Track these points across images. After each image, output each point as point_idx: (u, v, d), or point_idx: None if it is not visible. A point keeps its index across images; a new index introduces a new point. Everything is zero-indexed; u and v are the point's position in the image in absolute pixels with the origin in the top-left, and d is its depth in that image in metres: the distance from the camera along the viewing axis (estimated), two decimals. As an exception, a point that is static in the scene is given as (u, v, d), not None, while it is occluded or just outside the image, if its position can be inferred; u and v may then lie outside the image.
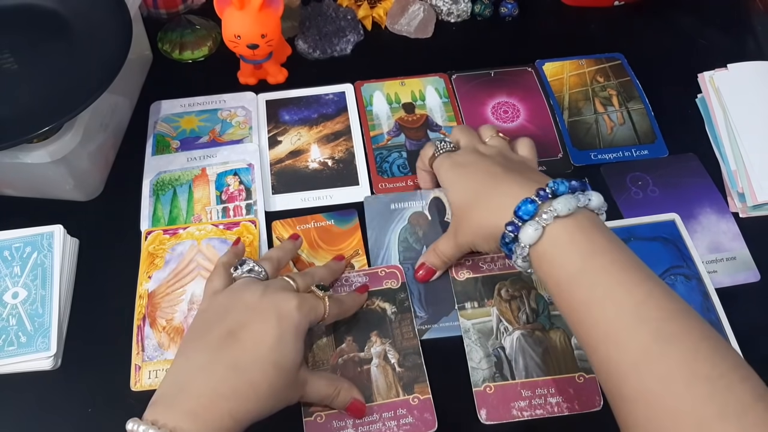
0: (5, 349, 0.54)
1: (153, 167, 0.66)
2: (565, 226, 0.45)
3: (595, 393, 0.53)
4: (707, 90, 0.71)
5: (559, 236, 0.45)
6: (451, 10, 0.80)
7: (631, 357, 0.39)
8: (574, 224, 0.45)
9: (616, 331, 0.40)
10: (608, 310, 0.41)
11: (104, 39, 0.59)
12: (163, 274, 0.59)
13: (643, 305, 0.40)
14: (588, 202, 0.46)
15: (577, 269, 0.43)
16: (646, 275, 0.43)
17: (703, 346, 0.38)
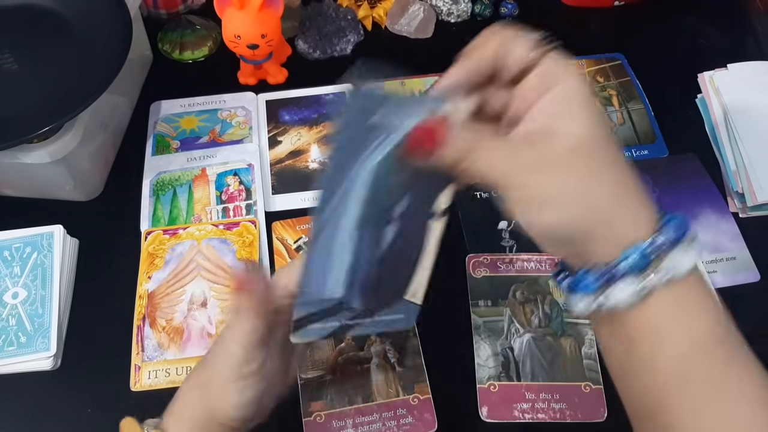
0: (5, 349, 0.54)
1: (153, 167, 0.66)
2: (671, 293, 0.31)
3: (600, 404, 0.53)
4: (707, 90, 0.71)
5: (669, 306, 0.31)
6: (451, 11, 0.80)
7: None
8: (686, 291, 0.31)
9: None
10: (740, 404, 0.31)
11: (104, 39, 0.59)
12: (163, 274, 0.59)
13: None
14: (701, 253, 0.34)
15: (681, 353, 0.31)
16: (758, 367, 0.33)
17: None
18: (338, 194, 0.34)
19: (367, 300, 0.37)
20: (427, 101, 0.33)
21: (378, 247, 0.36)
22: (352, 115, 0.33)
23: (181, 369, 0.54)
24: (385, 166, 0.33)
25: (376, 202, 0.34)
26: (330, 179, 0.34)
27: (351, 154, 0.33)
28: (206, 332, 0.56)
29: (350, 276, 0.36)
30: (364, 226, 0.35)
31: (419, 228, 0.37)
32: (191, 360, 0.55)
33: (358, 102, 0.33)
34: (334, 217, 0.34)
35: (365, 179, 0.33)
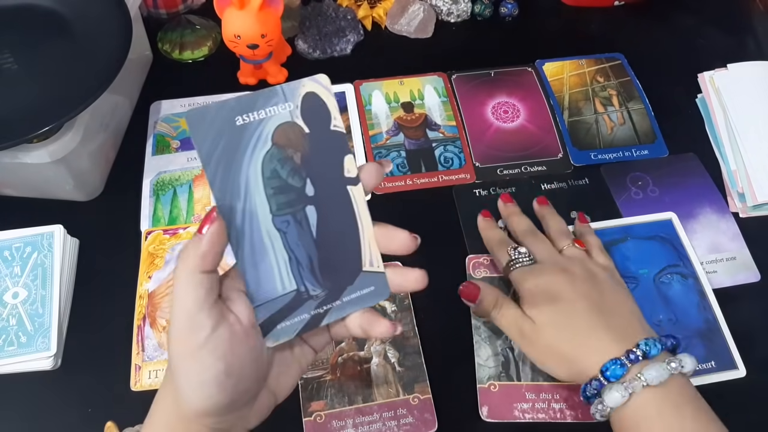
0: (5, 349, 0.54)
1: (153, 167, 0.66)
2: (654, 396, 0.43)
3: None
4: (707, 90, 0.71)
5: (647, 407, 0.42)
6: (451, 10, 0.80)
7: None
8: (663, 395, 0.43)
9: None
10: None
11: (104, 39, 0.59)
12: (163, 274, 0.59)
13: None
14: (681, 369, 0.43)
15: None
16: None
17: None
18: (240, 198, 0.36)
19: (324, 282, 0.38)
20: (282, 88, 0.37)
21: (306, 229, 0.38)
22: (212, 130, 0.35)
23: (181, 369, 0.54)
24: (275, 155, 0.37)
25: (281, 191, 0.37)
26: (224, 189, 0.36)
27: (233, 159, 0.36)
28: (206, 332, 0.56)
29: (293, 266, 0.37)
30: (281, 216, 0.37)
31: (340, 199, 0.38)
32: (191, 360, 0.55)
33: (209, 118, 0.35)
34: (246, 222, 0.36)
35: (260, 175, 0.36)
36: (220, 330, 0.34)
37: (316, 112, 0.38)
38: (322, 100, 0.38)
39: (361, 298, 0.39)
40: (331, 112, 0.38)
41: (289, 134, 0.37)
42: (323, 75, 0.37)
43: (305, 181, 0.37)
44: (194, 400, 0.35)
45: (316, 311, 0.38)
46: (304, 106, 0.37)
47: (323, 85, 0.38)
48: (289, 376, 0.40)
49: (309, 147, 0.37)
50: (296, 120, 0.37)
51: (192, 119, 0.35)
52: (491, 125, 0.71)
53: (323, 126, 0.38)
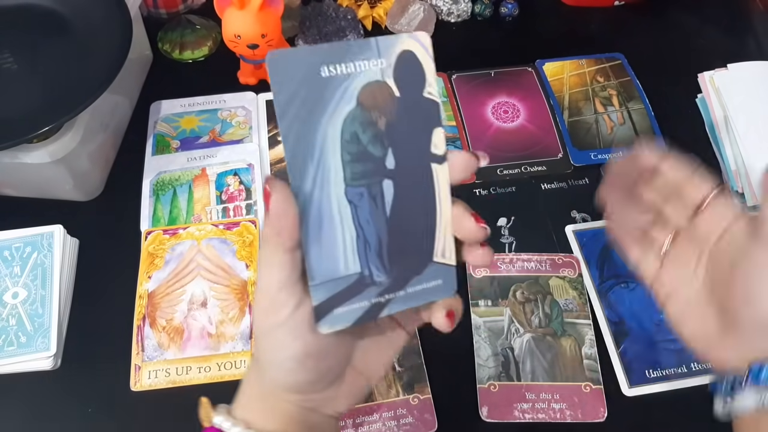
0: (5, 349, 0.54)
1: (153, 167, 0.66)
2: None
3: (600, 404, 0.53)
4: (707, 90, 0.71)
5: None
6: (451, 10, 0.80)
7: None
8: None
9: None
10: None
11: (104, 39, 0.59)
12: (163, 274, 0.59)
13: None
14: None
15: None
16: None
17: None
18: (314, 160, 0.31)
19: (390, 269, 0.34)
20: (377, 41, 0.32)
21: (380, 206, 0.33)
22: (293, 81, 0.31)
23: (181, 369, 0.54)
24: (357, 117, 0.32)
25: (359, 158, 0.32)
26: (297, 146, 0.31)
27: (312, 114, 0.31)
28: (206, 332, 0.56)
29: (360, 245, 0.33)
30: (355, 188, 0.32)
31: (421, 177, 0.34)
32: (191, 360, 0.55)
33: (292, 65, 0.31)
34: (316, 188, 0.32)
35: (338, 137, 0.32)
36: (300, 309, 0.32)
37: (410, 74, 0.33)
38: (418, 62, 0.33)
39: (425, 292, 0.35)
40: (427, 77, 0.33)
41: (377, 95, 0.32)
42: (424, 33, 0.33)
43: (387, 151, 0.33)
44: (276, 377, 0.34)
45: (377, 299, 0.34)
46: (398, 66, 0.32)
47: (423, 44, 0.33)
48: (380, 358, 0.37)
49: (396, 113, 0.32)
50: (387, 80, 0.32)
51: (274, 62, 0.30)
52: (491, 125, 0.71)
53: (416, 91, 0.33)
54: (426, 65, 0.33)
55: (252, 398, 0.36)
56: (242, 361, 0.55)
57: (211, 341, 0.56)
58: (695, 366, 0.55)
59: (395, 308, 0.34)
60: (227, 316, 0.57)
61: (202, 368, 0.54)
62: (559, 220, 0.63)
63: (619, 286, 0.58)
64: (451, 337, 0.55)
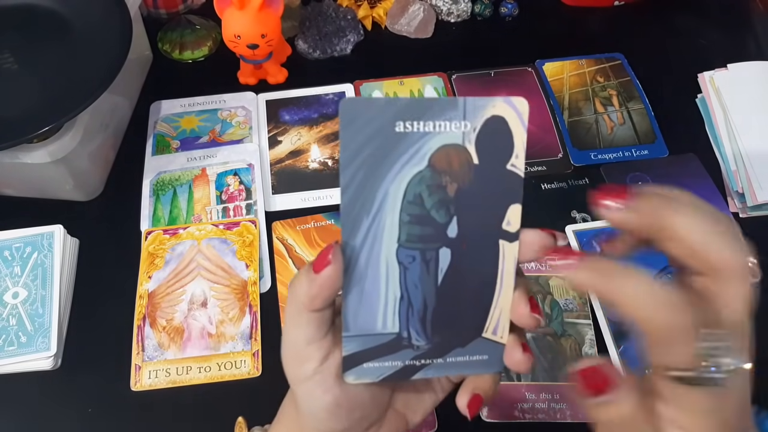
0: (5, 349, 0.54)
1: (153, 167, 0.66)
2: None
3: None
4: (707, 90, 0.71)
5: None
6: (451, 10, 0.80)
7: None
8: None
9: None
10: None
11: (104, 39, 0.59)
12: (163, 274, 0.59)
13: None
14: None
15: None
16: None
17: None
18: (370, 215, 0.30)
19: (431, 336, 0.33)
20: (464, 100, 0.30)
21: (432, 273, 0.32)
22: (370, 125, 0.29)
23: (181, 369, 0.54)
24: (426, 179, 0.30)
25: (419, 221, 0.31)
26: (355, 199, 0.30)
27: (378, 168, 0.29)
28: (206, 332, 0.56)
29: (403, 307, 0.32)
30: (409, 250, 0.31)
31: (486, 252, 0.32)
32: (191, 360, 0.55)
33: (369, 112, 0.29)
34: (367, 242, 0.30)
35: (401, 195, 0.30)
36: (329, 361, 0.32)
37: (497, 143, 0.30)
38: (509, 130, 0.30)
39: (468, 364, 0.34)
40: (515, 148, 0.30)
41: (453, 159, 0.30)
42: (522, 99, 0.30)
43: (451, 219, 0.31)
44: (310, 422, 0.34)
45: (411, 362, 0.33)
46: (483, 132, 0.30)
47: (518, 111, 0.30)
48: (422, 402, 0.37)
49: (470, 181, 0.30)
50: (467, 145, 0.30)
51: (347, 110, 0.28)
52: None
53: (499, 161, 0.30)
54: (517, 135, 0.30)
55: (290, 429, 0.36)
56: (242, 361, 0.55)
57: (211, 341, 0.56)
58: (695, 366, 0.55)
59: (431, 373, 0.33)
60: (227, 316, 0.57)
61: (203, 368, 0.54)
62: (559, 220, 0.63)
63: (619, 286, 0.58)
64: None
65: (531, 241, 0.31)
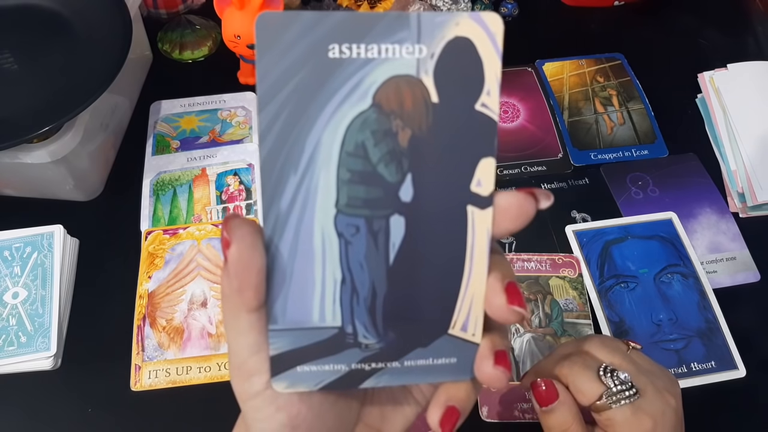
0: (5, 349, 0.54)
1: (153, 167, 0.66)
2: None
3: None
4: (707, 90, 0.71)
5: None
6: (450, 11, 0.80)
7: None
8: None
9: None
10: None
11: (104, 39, 0.59)
12: (163, 274, 0.59)
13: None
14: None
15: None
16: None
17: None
18: (298, 170, 0.23)
19: (383, 332, 0.25)
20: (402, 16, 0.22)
21: (381, 248, 0.24)
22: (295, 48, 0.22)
23: (181, 369, 0.54)
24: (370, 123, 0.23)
25: (362, 180, 0.23)
26: (277, 149, 0.23)
27: (306, 108, 0.22)
28: (206, 332, 0.56)
29: (345, 293, 0.25)
30: (350, 216, 0.24)
31: (449, 221, 0.24)
32: (191, 360, 0.55)
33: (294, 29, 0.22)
34: (296, 208, 0.23)
35: (338, 144, 0.23)
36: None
37: (461, 73, 0.23)
38: (477, 57, 0.23)
39: (431, 369, 0.26)
40: (486, 81, 0.23)
41: (404, 96, 0.23)
42: (494, 15, 0.23)
43: (404, 177, 0.24)
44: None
45: (359, 366, 0.26)
46: (443, 58, 0.23)
47: (490, 31, 0.23)
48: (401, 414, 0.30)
49: (429, 126, 0.23)
50: (423, 77, 0.23)
51: (265, 29, 0.22)
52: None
53: (465, 99, 0.23)
54: (488, 64, 0.23)
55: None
56: (242, 361, 0.55)
57: (211, 341, 0.56)
58: (695, 366, 0.55)
59: (384, 382, 0.26)
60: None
61: (202, 368, 0.54)
62: (559, 220, 0.63)
63: (619, 286, 0.58)
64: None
65: (507, 206, 0.24)
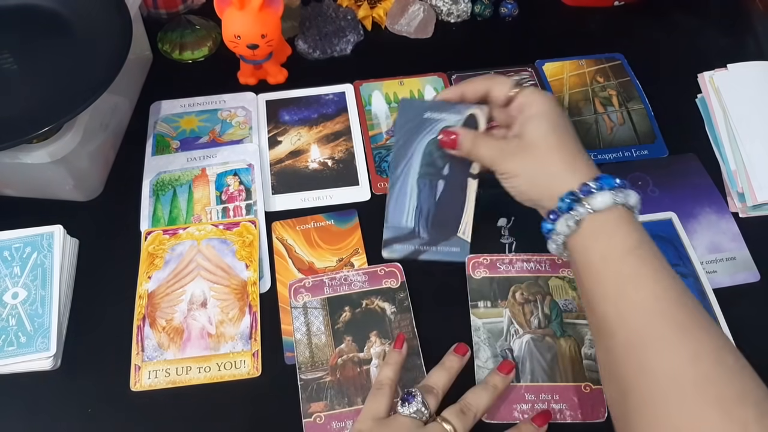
0: (5, 349, 0.54)
1: (153, 167, 0.66)
2: (629, 211, 0.47)
3: (600, 404, 0.53)
4: (707, 90, 0.71)
5: (623, 214, 0.47)
6: (451, 10, 0.80)
7: (666, 331, 0.42)
8: (633, 213, 0.48)
9: (658, 308, 0.43)
10: (654, 288, 0.43)
11: (104, 39, 0.59)
12: (163, 274, 0.59)
13: (684, 294, 0.44)
14: (626, 200, 0.47)
15: (632, 246, 0.45)
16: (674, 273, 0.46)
17: (728, 341, 0.42)
18: (405, 161, 0.58)
19: (430, 231, 0.58)
20: (459, 106, 0.58)
21: (434, 193, 0.58)
22: (409, 115, 0.59)
23: (181, 369, 0.54)
24: (434, 144, 0.58)
25: (430, 165, 0.58)
26: (398, 153, 0.59)
27: (411, 138, 0.59)
28: (206, 332, 0.56)
29: (417, 213, 0.58)
30: (423, 179, 0.58)
31: (461, 183, 0.58)
32: (191, 360, 0.55)
33: (412, 107, 0.59)
34: (403, 174, 0.59)
35: (422, 151, 0.58)
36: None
37: (472, 126, 0.57)
38: (476, 123, 0.57)
39: (447, 253, 0.58)
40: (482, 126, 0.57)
41: (449, 135, 0.56)
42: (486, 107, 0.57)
43: (445, 164, 0.58)
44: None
45: (418, 247, 0.58)
46: (465, 122, 0.57)
47: (484, 114, 0.57)
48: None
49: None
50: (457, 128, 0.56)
51: (404, 103, 0.60)
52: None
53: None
54: (481, 124, 0.57)
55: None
56: (242, 362, 0.55)
57: (211, 341, 0.56)
58: (695, 366, 0.55)
59: (427, 257, 0.59)
60: (227, 316, 0.57)
61: (202, 368, 0.54)
62: (558, 220, 0.63)
63: (619, 286, 0.58)
64: (451, 339, 0.55)
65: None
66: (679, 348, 0.41)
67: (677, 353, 0.41)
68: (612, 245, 0.46)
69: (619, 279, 0.45)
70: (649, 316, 0.42)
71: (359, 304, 0.57)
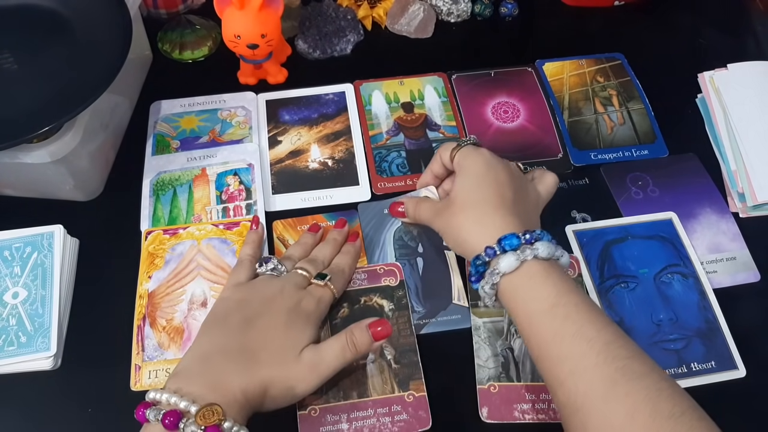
0: (5, 349, 0.54)
1: (153, 167, 0.66)
2: (542, 265, 0.47)
3: None
4: (707, 90, 0.71)
5: (537, 272, 0.47)
6: (451, 10, 0.80)
7: (599, 391, 0.41)
8: (549, 265, 0.47)
9: (585, 367, 0.42)
10: (580, 345, 0.43)
11: (104, 39, 0.59)
12: (163, 274, 0.59)
13: (612, 344, 0.43)
14: (536, 255, 0.47)
15: (551, 304, 0.45)
16: (609, 320, 0.45)
17: (664, 386, 0.41)
18: (379, 250, 0.61)
19: (424, 304, 0.58)
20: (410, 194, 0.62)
21: (416, 270, 0.60)
22: (369, 216, 0.63)
23: (181, 369, 0.54)
24: (401, 230, 0.62)
25: (403, 248, 0.61)
26: (370, 244, 0.61)
27: (378, 231, 0.62)
28: (206, 332, 0.56)
29: (406, 291, 0.58)
30: (402, 260, 0.60)
31: (439, 256, 0.60)
32: (191, 360, 0.55)
33: (368, 209, 0.64)
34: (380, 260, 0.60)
35: (392, 239, 0.61)
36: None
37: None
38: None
39: (449, 321, 0.57)
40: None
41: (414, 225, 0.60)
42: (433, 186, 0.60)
43: (417, 244, 0.61)
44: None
45: (417, 321, 0.57)
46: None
47: (432, 192, 0.60)
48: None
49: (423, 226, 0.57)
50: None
51: (361, 208, 0.64)
52: (491, 125, 0.71)
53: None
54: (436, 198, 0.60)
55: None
56: (242, 361, 0.55)
57: (211, 341, 0.56)
58: (695, 366, 0.55)
59: (429, 330, 0.57)
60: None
61: (202, 368, 0.54)
62: (559, 220, 0.63)
63: (619, 286, 0.58)
64: (451, 339, 0.55)
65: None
66: (614, 407, 0.40)
67: (614, 413, 0.40)
68: (531, 307, 0.46)
69: (544, 339, 0.44)
70: (577, 376, 0.42)
71: (357, 300, 0.57)
